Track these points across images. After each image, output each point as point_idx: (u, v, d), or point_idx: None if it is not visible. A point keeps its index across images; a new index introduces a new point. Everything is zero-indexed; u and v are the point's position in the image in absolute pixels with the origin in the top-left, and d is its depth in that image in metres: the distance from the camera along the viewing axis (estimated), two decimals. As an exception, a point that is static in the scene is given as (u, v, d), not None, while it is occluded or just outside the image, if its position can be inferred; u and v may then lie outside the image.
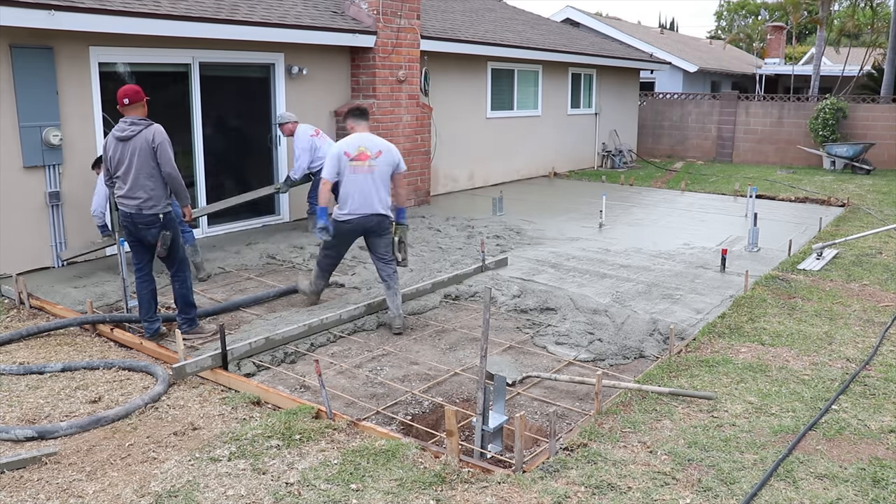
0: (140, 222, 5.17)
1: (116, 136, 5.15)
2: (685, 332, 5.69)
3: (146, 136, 5.09)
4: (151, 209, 5.15)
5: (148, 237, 5.23)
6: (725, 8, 52.98)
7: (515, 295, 6.49)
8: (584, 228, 9.68)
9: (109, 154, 5.20)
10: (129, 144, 5.10)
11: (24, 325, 5.73)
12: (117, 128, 5.18)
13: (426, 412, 4.38)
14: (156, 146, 5.09)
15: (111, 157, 5.19)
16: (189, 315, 5.43)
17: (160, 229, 5.19)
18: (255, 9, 8.73)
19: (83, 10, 6.75)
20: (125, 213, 5.21)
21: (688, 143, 19.89)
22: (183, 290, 5.39)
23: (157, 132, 5.12)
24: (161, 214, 5.19)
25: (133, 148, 5.09)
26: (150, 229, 5.19)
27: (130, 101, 5.15)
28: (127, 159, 5.11)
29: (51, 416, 4.19)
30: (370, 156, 5.72)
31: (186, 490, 3.39)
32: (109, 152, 5.19)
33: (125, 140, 5.11)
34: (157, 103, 8.38)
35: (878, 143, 17.10)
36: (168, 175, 5.14)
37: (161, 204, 5.18)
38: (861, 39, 29.71)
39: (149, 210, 5.15)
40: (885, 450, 3.82)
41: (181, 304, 5.41)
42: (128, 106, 5.15)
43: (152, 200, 5.14)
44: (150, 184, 5.12)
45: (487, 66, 13.01)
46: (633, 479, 3.49)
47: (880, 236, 9.07)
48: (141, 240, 5.27)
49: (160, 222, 5.19)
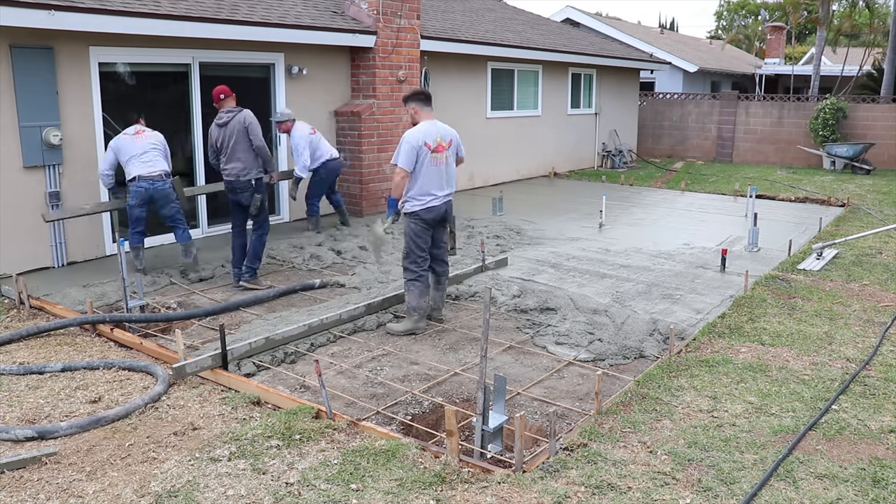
0: (237, 187, 6.57)
1: (217, 124, 6.54)
2: (685, 332, 5.69)
3: (239, 119, 6.47)
4: (246, 176, 6.53)
5: (242, 200, 6.63)
6: (725, 8, 53.00)
7: (515, 295, 6.49)
8: (584, 228, 9.68)
9: (214, 137, 6.58)
10: (227, 128, 6.47)
11: (24, 325, 5.73)
12: (217, 117, 6.55)
13: (426, 412, 4.38)
14: (247, 125, 6.46)
15: (216, 140, 6.57)
16: (254, 266, 6.77)
17: (252, 193, 6.61)
18: (255, 9, 8.73)
19: (83, 10, 6.75)
20: (227, 180, 6.61)
21: (688, 143, 19.89)
22: (257, 245, 6.76)
23: (247, 115, 6.51)
24: (253, 180, 6.58)
25: (230, 129, 6.47)
26: (244, 193, 6.59)
27: (225, 95, 6.58)
28: (225, 138, 6.50)
29: (51, 417, 4.19)
30: (446, 146, 5.60)
31: (186, 490, 3.39)
32: (214, 136, 6.58)
33: (224, 125, 6.49)
34: (157, 103, 8.44)
35: (878, 143, 17.10)
36: (258, 147, 6.52)
37: (253, 172, 6.56)
38: (860, 39, 29.71)
39: (244, 177, 6.53)
40: (885, 450, 3.82)
41: (251, 256, 6.75)
42: (223, 100, 6.57)
43: (246, 169, 6.52)
44: (242, 155, 6.49)
45: (487, 66, 13.02)
46: (633, 479, 3.49)
47: (880, 236, 9.07)
48: (238, 202, 6.68)
49: (252, 187, 6.60)
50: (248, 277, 6.70)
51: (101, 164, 7.21)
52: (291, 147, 8.51)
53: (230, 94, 6.61)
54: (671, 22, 60.40)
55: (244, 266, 6.73)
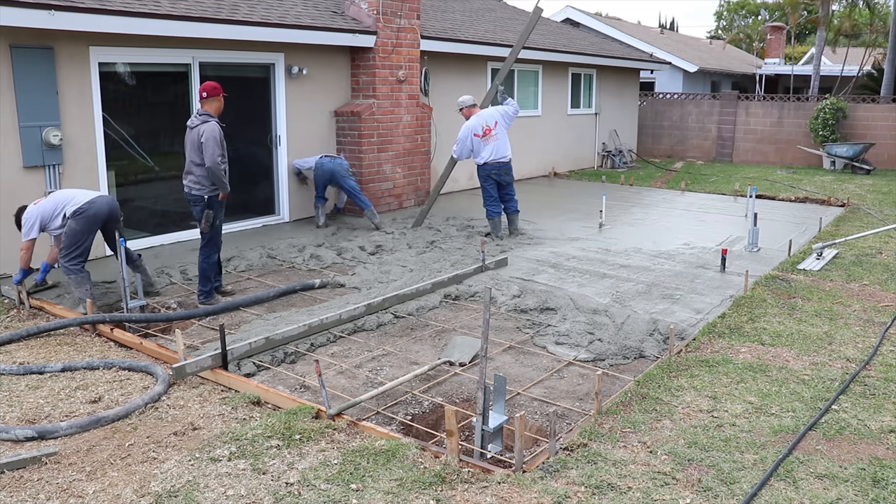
0: (189, 200, 6.25)
1: (188, 124, 6.18)
2: (685, 332, 5.69)
3: (198, 131, 6.02)
4: (198, 190, 6.10)
5: (193, 213, 6.28)
6: (725, 8, 53.00)
7: (515, 295, 6.49)
8: (584, 228, 9.68)
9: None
10: (188, 134, 6.12)
11: (24, 325, 5.73)
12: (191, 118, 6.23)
13: (426, 412, 4.38)
14: (202, 140, 5.95)
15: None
16: (204, 288, 6.23)
17: (203, 208, 6.13)
18: (255, 9, 8.73)
19: (83, 10, 6.75)
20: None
21: (688, 143, 19.89)
22: (203, 265, 6.22)
23: (207, 128, 5.95)
24: (206, 196, 6.10)
25: (189, 138, 6.12)
26: (195, 207, 6.21)
27: (208, 94, 6.04)
28: (185, 144, 6.20)
29: (51, 417, 4.19)
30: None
31: (186, 490, 3.39)
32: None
33: (189, 129, 6.12)
34: (157, 103, 8.44)
35: (878, 143, 17.10)
36: (207, 168, 6.01)
37: (206, 188, 6.09)
38: (861, 39, 29.73)
39: (196, 191, 6.11)
40: (885, 450, 3.82)
41: (199, 277, 6.23)
42: (203, 100, 6.07)
43: (199, 183, 6.11)
44: (196, 169, 6.06)
45: (487, 66, 13.01)
46: (633, 479, 3.49)
47: (880, 236, 9.07)
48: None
49: (203, 201, 6.13)
50: (201, 300, 6.21)
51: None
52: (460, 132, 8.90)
53: (213, 95, 6.05)
54: (671, 22, 60.42)
55: (197, 288, 6.31)
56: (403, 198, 10.95)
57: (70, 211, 5.83)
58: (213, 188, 6.07)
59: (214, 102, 6.06)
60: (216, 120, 6.03)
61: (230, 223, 9.01)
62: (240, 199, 8.59)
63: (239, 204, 8.86)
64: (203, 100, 6.04)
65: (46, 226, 5.92)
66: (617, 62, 16.60)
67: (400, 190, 10.86)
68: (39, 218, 5.89)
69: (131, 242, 7.83)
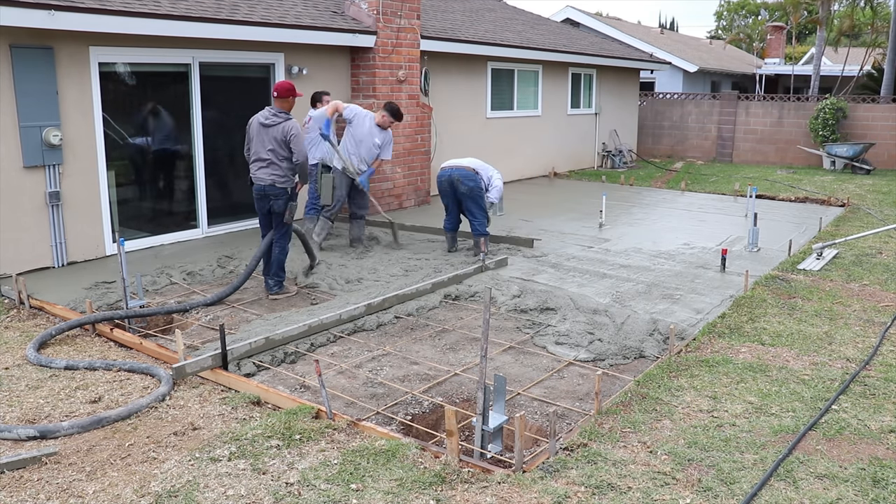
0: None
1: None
2: (685, 332, 5.69)
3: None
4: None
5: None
6: (725, 8, 52.98)
7: (515, 295, 6.49)
8: (584, 228, 9.68)
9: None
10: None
11: (23, 325, 5.72)
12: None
13: (426, 412, 4.38)
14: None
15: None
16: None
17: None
18: (255, 9, 8.73)
19: (83, 10, 6.75)
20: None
21: (688, 143, 19.89)
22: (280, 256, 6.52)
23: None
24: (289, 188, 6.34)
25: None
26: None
27: (280, 95, 6.31)
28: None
29: (51, 416, 4.19)
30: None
31: (186, 490, 3.39)
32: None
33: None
34: (157, 103, 8.43)
35: (878, 143, 17.10)
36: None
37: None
38: (861, 39, 29.72)
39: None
40: (885, 450, 3.82)
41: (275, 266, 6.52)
42: (277, 98, 6.32)
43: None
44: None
45: (487, 66, 13.01)
46: (633, 479, 3.49)
47: (880, 236, 9.07)
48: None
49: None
50: (275, 290, 6.51)
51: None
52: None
53: (286, 96, 6.30)
54: (671, 22, 60.38)
55: (271, 279, 6.53)
56: (403, 198, 10.95)
57: None
58: (293, 181, 6.32)
59: (288, 101, 6.29)
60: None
61: (230, 223, 9.02)
62: (245, 199, 8.57)
63: (244, 203, 8.85)
64: (276, 98, 6.26)
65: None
66: (617, 62, 16.60)
67: (400, 190, 10.86)
68: None
69: (131, 242, 7.85)
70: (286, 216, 6.34)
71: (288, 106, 6.31)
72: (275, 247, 6.41)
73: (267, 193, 6.28)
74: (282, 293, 6.48)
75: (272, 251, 6.42)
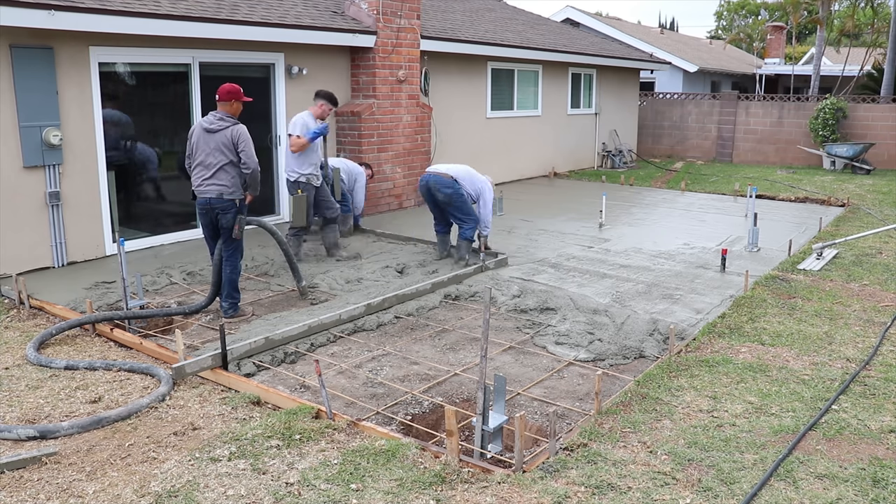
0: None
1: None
2: (685, 332, 5.69)
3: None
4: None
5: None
6: (725, 8, 52.98)
7: (515, 295, 6.49)
8: (584, 228, 9.68)
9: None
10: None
11: (23, 325, 5.73)
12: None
13: (426, 412, 4.38)
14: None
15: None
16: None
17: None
18: (255, 9, 8.73)
19: (83, 10, 6.75)
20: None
21: (688, 143, 19.89)
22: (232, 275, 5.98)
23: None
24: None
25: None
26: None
27: (221, 98, 5.80)
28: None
29: (51, 416, 4.19)
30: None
31: (186, 490, 3.39)
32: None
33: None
34: (157, 103, 8.43)
35: (878, 143, 17.10)
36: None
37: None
38: (861, 39, 29.72)
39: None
40: (885, 450, 3.82)
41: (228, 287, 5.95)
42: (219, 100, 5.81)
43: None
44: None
45: (487, 66, 13.01)
46: (633, 479, 3.49)
47: (880, 236, 9.07)
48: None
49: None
50: (230, 313, 5.89)
51: None
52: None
53: (229, 99, 5.73)
54: (671, 22, 60.37)
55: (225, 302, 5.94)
56: (403, 198, 10.95)
57: None
58: (242, 192, 5.79)
59: (232, 105, 5.74)
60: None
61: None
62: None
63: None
64: (219, 101, 5.71)
65: None
66: (617, 62, 16.60)
67: (400, 190, 10.86)
68: None
69: (131, 242, 7.85)
70: (235, 231, 5.73)
71: (233, 110, 5.73)
72: (225, 265, 5.81)
73: (213, 206, 5.71)
74: (237, 316, 5.86)
75: (223, 270, 5.83)
